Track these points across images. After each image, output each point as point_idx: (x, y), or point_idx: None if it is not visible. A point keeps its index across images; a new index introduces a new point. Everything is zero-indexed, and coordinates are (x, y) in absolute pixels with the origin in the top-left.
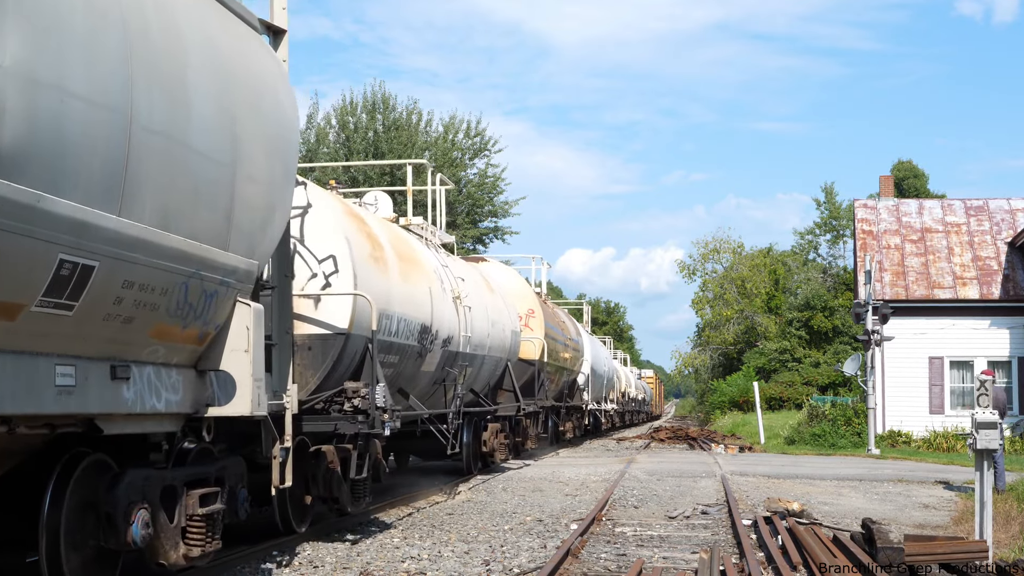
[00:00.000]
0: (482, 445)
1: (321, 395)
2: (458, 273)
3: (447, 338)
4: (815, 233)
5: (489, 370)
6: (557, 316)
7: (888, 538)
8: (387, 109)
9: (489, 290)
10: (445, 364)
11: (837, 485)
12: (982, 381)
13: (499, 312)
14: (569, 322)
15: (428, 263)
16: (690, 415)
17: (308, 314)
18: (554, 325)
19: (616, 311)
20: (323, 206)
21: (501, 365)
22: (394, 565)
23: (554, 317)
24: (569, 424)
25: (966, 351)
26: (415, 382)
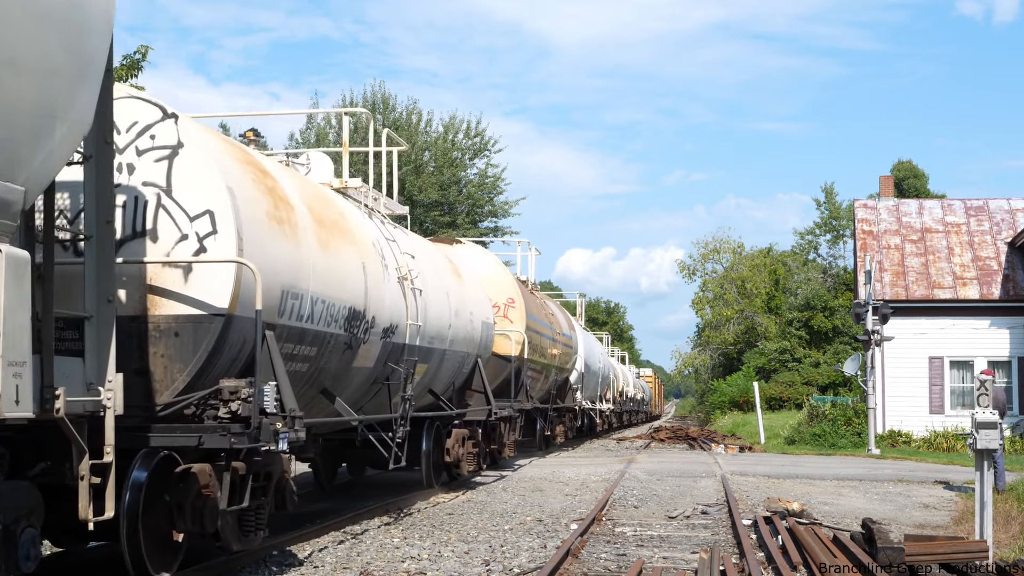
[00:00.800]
0: (445, 455)
1: (191, 396)
2: (408, 249)
3: (389, 327)
4: (815, 233)
5: (452, 367)
6: (545, 308)
7: (888, 538)
8: (387, 109)
9: (454, 274)
10: (388, 359)
11: (837, 485)
12: (982, 381)
13: (467, 300)
14: (560, 315)
15: (364, 233)
16: (690, 415)
17: (175, 288)
18: (539, 318)
19: (616, 311)
20: (199, 146)
21: (469, 362)
22: (394, 565)
23: (540, 309)
24: (560, 427)
25: (966, 351)
26: (344, 381)
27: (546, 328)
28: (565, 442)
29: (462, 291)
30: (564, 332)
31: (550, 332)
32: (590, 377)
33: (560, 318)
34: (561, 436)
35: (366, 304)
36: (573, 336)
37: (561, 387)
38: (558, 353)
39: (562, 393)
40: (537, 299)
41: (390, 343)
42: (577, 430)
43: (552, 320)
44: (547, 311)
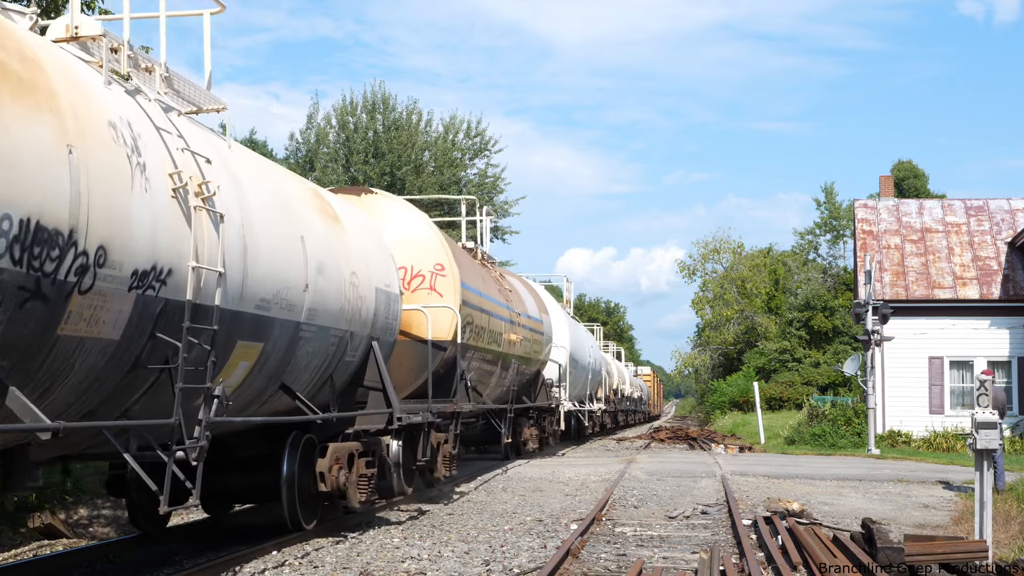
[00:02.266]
0: (318, 481)
1: None
2: (204, 150)
3: (152, 270)
4: (815, 233)
5: (322, 352)
6: (500, 283)
7: (888, 538)
8: (387, 109)
9: (323, 216)
10: (155, 328)
11: (837, 485)
12: (982, 381)
13: (347, 255)
14: (527, 295)
15: (84, 100)
16: (690, 415)
17: None
18: (489, 293)
19: (616, 311)
20: None
21: (358, 346)
22: (394, 565)
23: (490, 283)
24: (531, 431)
25: (966, 351)
26: (34, 361)
27: (501, 307)
28: (539, 448)
29: (338, 242)
30: (531, 315)
31: (508, 313)
32: (577, 372)
33: (526, 298)
34: (533, 442)
35: (79, 217)
36: (547, 321)
37: (530, 383)
38: (519, 340)
39: (531, 390)
40: (490, 271)
41: (155, 299)
42: (557, 435)
43: (512, 299)
44: (503, 286)
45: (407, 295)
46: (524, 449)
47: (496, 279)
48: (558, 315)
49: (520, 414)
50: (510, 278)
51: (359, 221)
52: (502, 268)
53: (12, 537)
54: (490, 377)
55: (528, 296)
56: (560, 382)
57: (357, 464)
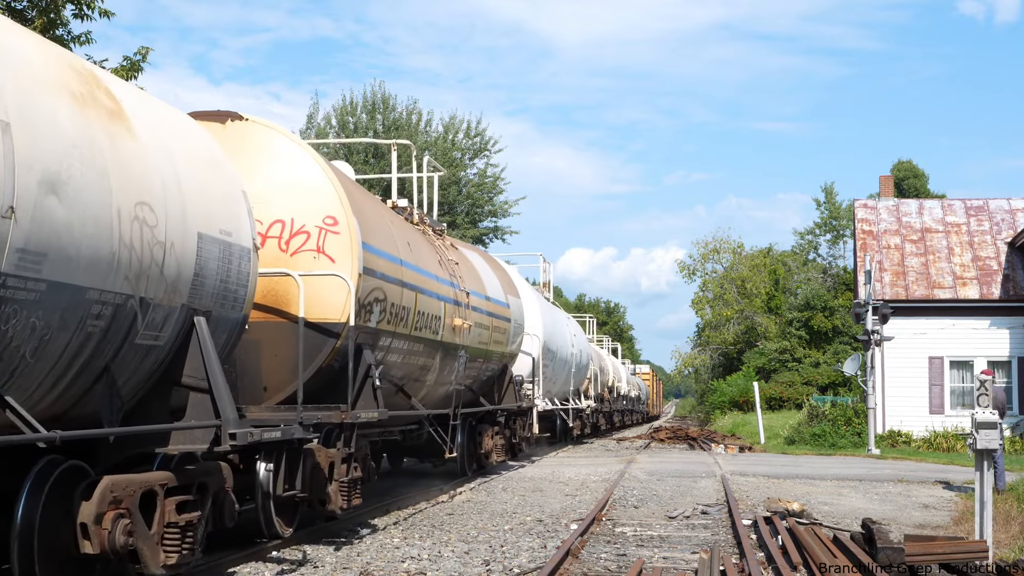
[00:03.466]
0: (78, 538)
1: None
2: None
3: None
4: (815, 233)
5: (72, 328)
6: (443, 253)
7: (888, 538)
8: (387, 109)
9: (84, 103)
10: None
11: (837, 485)
12: (982, 381)
13: (120, 172)
14: (487, 273)
15: None
16: (690, 415)
17: None
18: (419, 264)
19: (616, 311)
20: None
21: (166, 323)
22: (394, 565)
23: (424, 252)
24: (494, 440)
25: (966, 351)
26: None
27: (439, 284)
28: (511, 459)
29: (111, 149)
30: (492, 296)
31: (451, 292)
32: (556, 366)
33: (486, 276)
34: (499, 453)
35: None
36: (516, 306)
37: (493, 381)
38: (468, 326)
39: (493, 390)
40: (428, 239)
41: None
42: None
43: (460, 274)
44: (446, 257)
45: (286, 259)
46: (487, 461)
47: (436, 248)
48: (530, 297)
49: (482, 419)
50: (466, 251)
51: (177, 132)
52: (456, 239)
53: None
54: (425, 374)
55: (488, 274)
56: (532, 377)
57: (162, 508)
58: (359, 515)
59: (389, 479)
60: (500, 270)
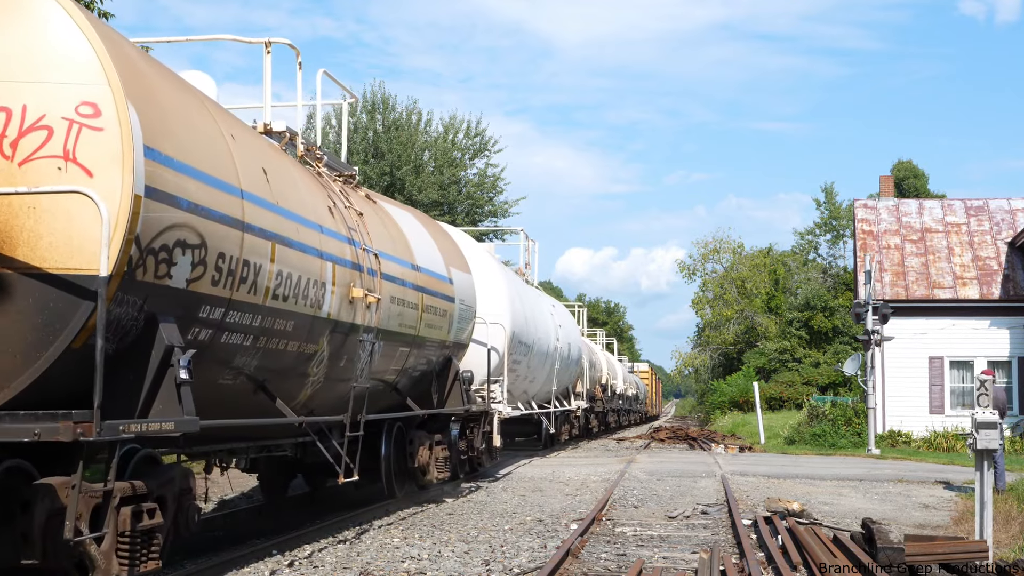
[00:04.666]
0: None
1: None
2: None
3: None
4: (815, 233)
5: None
6: (337, 199)
7: (888, 538)
8: (387, 109)
9: None
10: None
11: (837, 485)
12: (982, 381)
13: None
14: (420, 237)
15: None
16: (690, 415)
17: None
18: (270, 199)
19: (616, 311)
20: None
21: None
22: (394, 565)
23: (276, 178)
24: (433, 452)
25: (966, 351)
26: None
27: (329, 239)
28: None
29: None
30: (424, 266)
31: (348, 251)
32: (534, 363)
33: (418, 239)
34: (439, 469)
35: None
36: (464, 283)
37: (428, 378)
38: (376, 300)
39: (429, 389)
40: (311, 173)
41: None
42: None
43: (365, 228)
44: (343, 204)
45: (12, 170)
46: (424, 479)
47: (328, 191)
48: (490, 277)
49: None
50: (392, 207)
51: None
52: (380, 195)
53: None
54: (305, 365)
55: (421, 239)
56: (496, 376)
57: None
58: (359, 515)
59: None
60: (443, 238)
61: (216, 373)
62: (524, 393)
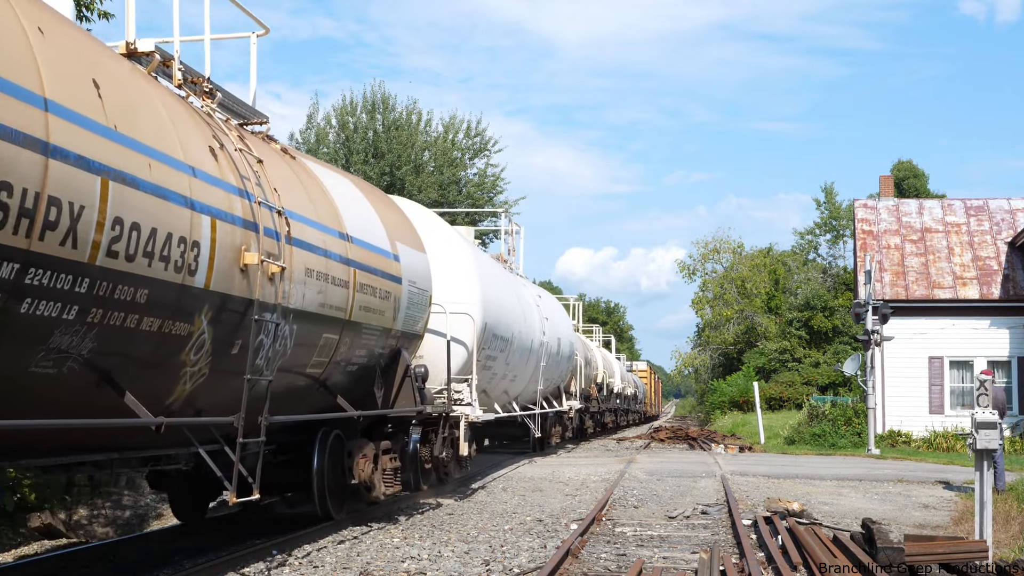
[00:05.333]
0: None
1: None
2: None
3: None
4: (815, 233)
5: None
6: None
7: (888, 538)
8: (387, 109)
9: None
10: None
11: (837, 485)
12: (982, 381)
13: None
14: (354, 200)
15: None
16: (690, 415)
17: None
18: (100, 120)
19: (616, 311)
20: None
21: None
22: (394, 565)
23: (118, 97)
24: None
25: (966, 351)
26: None
27: (207, 186)
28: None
29: None
30: (359, 238)
31: (239, 205)
32: (514, 360)
33: (352, 205)
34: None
35: None
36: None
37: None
38: (280, 270)
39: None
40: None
41: None
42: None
43: (267, 180)
44: (234, 147)
45: None
46: (369, 495)
47: (213, 130)
48: (456, 257)
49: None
50: (319, 167)
51: None
52: (310, 157)
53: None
54: (175, 352)
55: (358, 206)
56: (463, 374)
57: None
58: (363, 514)
59: None
60: (390, 210)
61: (21, 357)
62: (504, 393)
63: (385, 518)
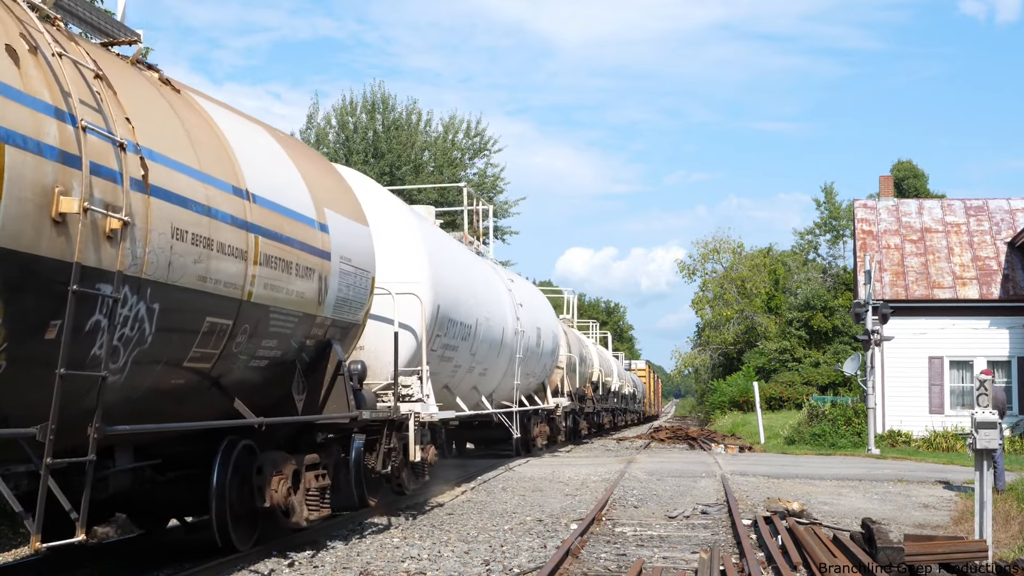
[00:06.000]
0: None
1: None
2: None
3: None
4: (815, 233)
5: None
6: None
7: (888, 538)
8: (387, 109)
9: None
10: None
11: (837, 485)
12: (982, 381)
13: None
14: (262, 149)
15: None
16: (690, 415)
17: None
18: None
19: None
20: None
21: None
22: (394, 565)
23: None
24: (303, 481)
25: (966, 351)
26: None
27: None
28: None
29: None
30: (267, 197)
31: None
32: (481, 352)
33: (258, 156)
34: (310, 507)
35: None
36: (354, 234)
37: (293, 371)
38: (125, 226)
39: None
40: None
41: None
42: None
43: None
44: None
45: None
46: (288, 521)
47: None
48: (400, 229)
49: (295, 444)
50: (215, 107)
51: None
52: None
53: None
54: None
55: (271, 158)
56: (411, 366)
57: None
58: (359, 515)
59: None
60: (320, 170)
61: None
62: (474, 390)
63: (384, 519)
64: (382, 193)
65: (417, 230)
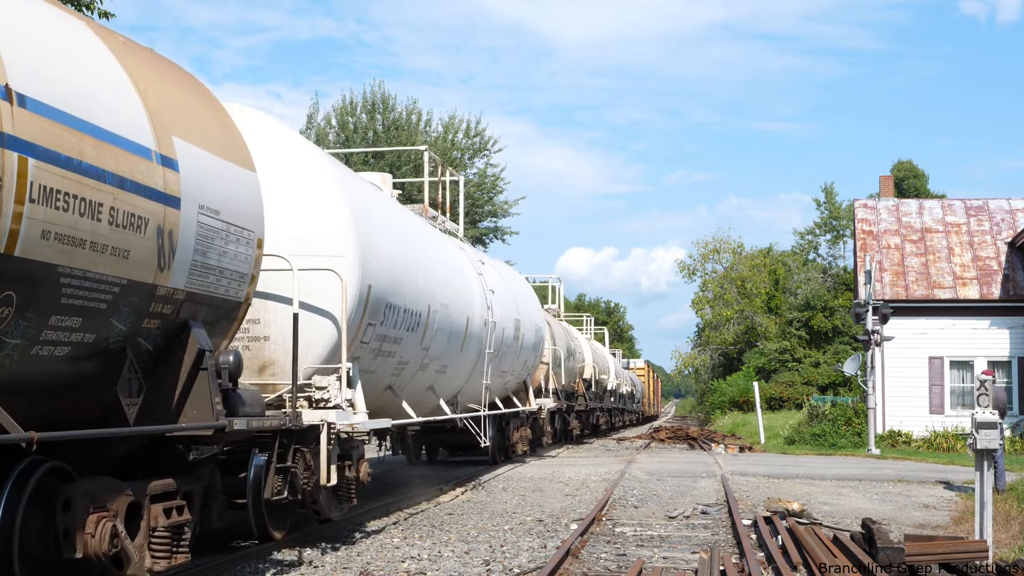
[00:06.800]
0: None
1: None
2: None
3: None
4: (815, 233)
5: None
6: None
7: (888, 538)
8: (387, 109)
9: None
10: None
11: (837, 485)
12: (982, 381)
13: None
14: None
15: None
16: (690, 415)
17: None
18: None
19: (616, 311)
20: None
21: None
22: (394, 565)
23: None
24: (148, 517)
25: (966, 351)
26: None
27: None
28: None
29: None
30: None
31: None
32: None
33: (72, 62)
34: (160, 553)
35: None
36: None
37: (128, 363)
38: None
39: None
40: None
41: None
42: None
43: None
44: None
45: None
46: (120, 573)
47: None
48: (311, 181)
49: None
50: None
51: None
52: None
53: None
54: None
55: (87, 64)
56: (328, 361)
57: None
58: (358, 515)
59: None
60: (175, 82)
61: None
62: (430, 391)
63: (383, 518)
64: (286, 134)
65: (337, 186)
